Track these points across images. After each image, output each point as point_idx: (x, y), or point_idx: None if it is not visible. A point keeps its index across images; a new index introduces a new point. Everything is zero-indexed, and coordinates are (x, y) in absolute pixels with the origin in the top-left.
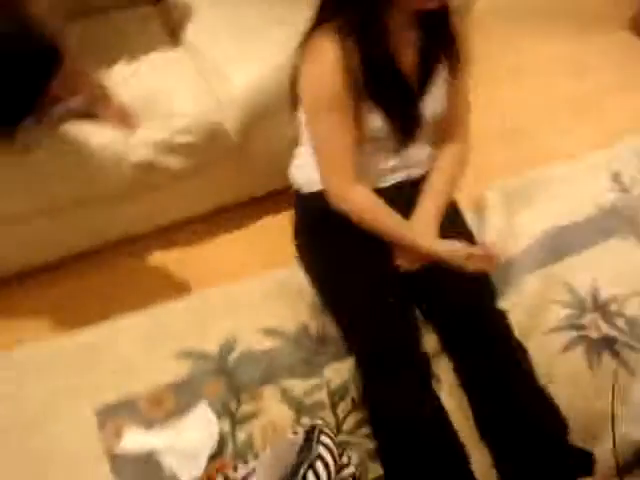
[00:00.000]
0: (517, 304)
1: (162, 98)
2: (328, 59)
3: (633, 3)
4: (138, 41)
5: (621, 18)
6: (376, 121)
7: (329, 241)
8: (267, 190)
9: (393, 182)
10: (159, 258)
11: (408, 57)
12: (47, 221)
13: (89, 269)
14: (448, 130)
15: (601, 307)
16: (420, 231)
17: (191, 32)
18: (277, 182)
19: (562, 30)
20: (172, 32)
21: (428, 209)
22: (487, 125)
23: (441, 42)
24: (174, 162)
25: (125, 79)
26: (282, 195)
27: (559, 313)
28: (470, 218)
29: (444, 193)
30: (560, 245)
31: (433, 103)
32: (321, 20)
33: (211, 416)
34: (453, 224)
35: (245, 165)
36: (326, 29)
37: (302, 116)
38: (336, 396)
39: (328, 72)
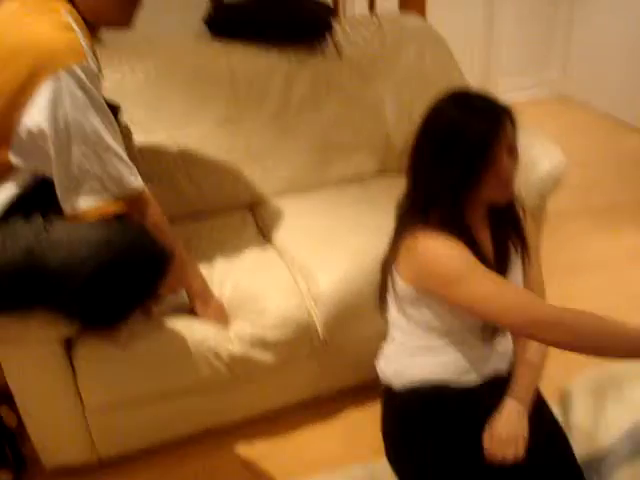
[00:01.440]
0: None
1: (255, 296)
2: (443, 240)
3: None
4: (234, 243)
5: None
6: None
7: (420, 440)
8: (353, 383)
9: (486, 376)
10: (247, 450)
11: (487, 247)
12: (147, 409)
13: (185, 455)
14: None
15: None
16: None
17: (281, 235)
18: (363, 376)
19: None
20: (264, 233)
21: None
22: None
23: (508, 232)
24: (265, 356)
25: (222, 278)
26: (368, 388)
27: None
28: (556, 411)
29: (532, 384)
30: None
31: None
32: (407, 223)
33: None
34: (540, 414)
35: (332, 360)
36: (420, 229)
37: (410, 302)
38: None
39: (453, 245)
